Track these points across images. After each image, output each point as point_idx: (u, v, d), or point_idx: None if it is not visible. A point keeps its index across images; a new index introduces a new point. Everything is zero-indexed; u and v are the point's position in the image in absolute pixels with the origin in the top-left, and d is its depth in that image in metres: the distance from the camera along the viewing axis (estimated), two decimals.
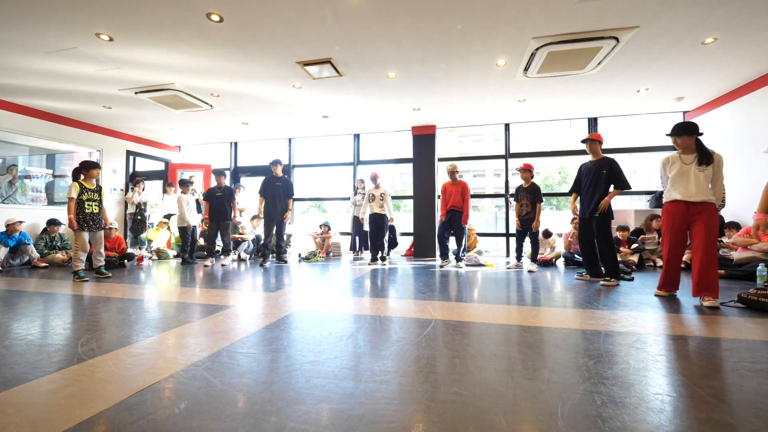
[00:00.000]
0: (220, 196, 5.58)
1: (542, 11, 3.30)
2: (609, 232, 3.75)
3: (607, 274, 3.74)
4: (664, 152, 6.77)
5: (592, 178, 3.83)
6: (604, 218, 3.72)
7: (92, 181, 4.28)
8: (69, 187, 4.14)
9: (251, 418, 1.18)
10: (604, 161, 3.80)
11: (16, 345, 1.92)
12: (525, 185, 5.04)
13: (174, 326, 2.24)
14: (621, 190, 3.72)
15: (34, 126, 5.98)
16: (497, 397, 1.32)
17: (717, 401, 1.30)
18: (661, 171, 3.12)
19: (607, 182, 3.75)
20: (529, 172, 5.04)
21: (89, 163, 4.26)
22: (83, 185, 4.16)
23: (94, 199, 4.22)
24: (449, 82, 4.94)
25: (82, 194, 4.11)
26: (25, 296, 3.23)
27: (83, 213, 4.10)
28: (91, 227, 4.16)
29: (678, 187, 2.93)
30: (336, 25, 3.50)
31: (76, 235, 4.11)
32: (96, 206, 4.23)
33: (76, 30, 3.56)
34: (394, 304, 2.87)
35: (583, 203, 3.94)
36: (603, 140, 3.93)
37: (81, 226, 4.09)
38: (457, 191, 5.22)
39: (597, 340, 1.96)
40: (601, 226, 3.75)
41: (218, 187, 5.65)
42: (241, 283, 3.89)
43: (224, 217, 5.59)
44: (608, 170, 3.73)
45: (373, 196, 5.60)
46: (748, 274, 3.91)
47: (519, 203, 5.08)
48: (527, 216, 4.97)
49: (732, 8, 3.25)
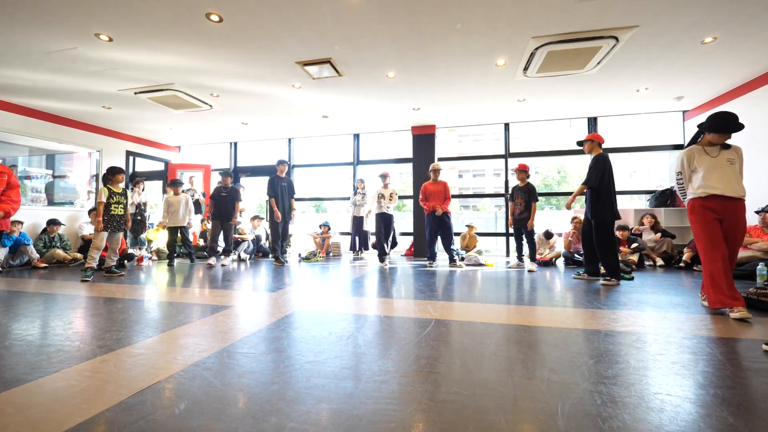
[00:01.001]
0: (225, 196, 5.59)
1: (542, 11, 3.30)
2: (606, 232, 3.73)
3: (608, 274, 3.73)
4: (664, 152, 6.78)
5: None
6: (601, 218, 3.72)
7: (118, 185, 4.51)
8: (98, 192, 4.45)
9: (251, 418, 1.18)
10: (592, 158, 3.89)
11: (16, 345, 1.92)
12: (521, 185, 5.09)
13: (174, 326, 2.24)
14: (585, 185, 3.81)
15: (33, 126, 5.98)
16: (497, 397, 1.32)
17: (717, 401, 1.30)
18: (684, 166, 2.76)
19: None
20: (525, 172, 5.09)
21: (114, 169, 4.48)
22: (111, 189, 4.39)
23: (120, 202, 4.45)
24: (449, 82, 4.94)
25: (110, 198, 4.34)
26: (25, 297, 3.23)
27: (108, 215, 4.33)
28: (114, 228, 4.39)
29: (712, 181, 2.60)
30: (336, 24, 3.50)
31: (97, 234, 4.30)
32: (121, 209, 4.46)
33: (76, 30, 3.55)
34: (394, 304, 2.87)
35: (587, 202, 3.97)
36: (600, 139, 3.93)
37: (105, 227, 4.29)
38: (438, 190, 5.29)
39: (597, 340, 1.96)
40: (598, 226, 3.76)
41: (224, 186, 5.66)
42: (242, 283, 3.89)
43: (227, 218, 5.60)
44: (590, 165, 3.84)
45: (382, 195, 5.61)
46: (747, 273, 3.91)
47: (514, 202, 5.11)
48: (521, 216, 5.00)
49: (732, 8, 3.25)
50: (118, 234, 4.48)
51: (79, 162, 7.21)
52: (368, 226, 6.89)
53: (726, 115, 2.59)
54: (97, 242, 4.27)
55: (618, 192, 3.86)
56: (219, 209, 5.57)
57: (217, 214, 5.58)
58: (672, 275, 4.39)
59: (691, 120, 6.11)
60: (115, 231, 4.41)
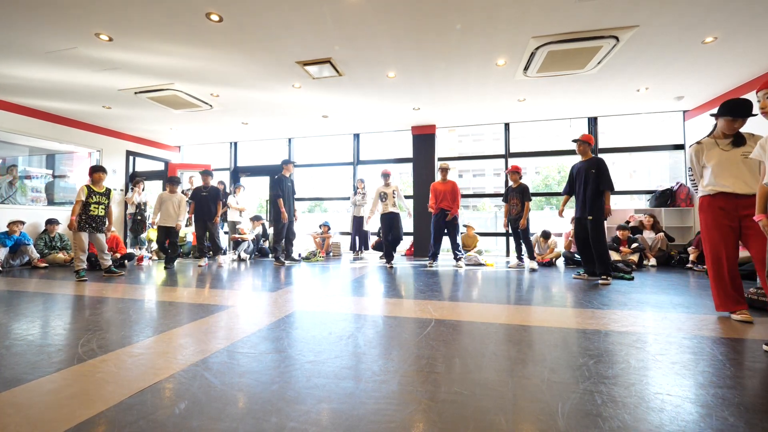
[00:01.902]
0: (205, 195, 5.54)
1: (542, 10, 3.30)
2: (602, 232, 3.82)
3: (604, 273, 3.79)
4: (664, 152, 6.77)
5: (583, 178, 3.91)
6: (597, 219, 3.80)
7: (101, 184, 4.39)
8: (78, 190, 4.27)
9: (251, 418, 1.18)
10: (592, 161, 3.90)
11: (16, 345, 1.92)
12: (514, 186, 5.14)
13: (174, 326, 2.24)
14: (610, 191, 3.79)
15: (34, 126, 5.98)
16: (497, 397, 1.32)
17: (717, 401, 1.30)
18: (693, 161, 2.59)
19: (596, 181, 3.81)
20: (518, 173, 5.18)
21: (95, 168, 4.39)
22: (91, 188, 4.28)
23: (101, 202, 4.33)
24: (449, 82, 4.94)
25: (90, 197, 4.23)
26: (25, 296, 3.23)
27: (86, 214, 4.20)
28: (93, 229, 4.26)
29: (722, 177, 2.43)
30: (336, 24, 3.50)
31: (74, 235, 4.19)
32: (102, 209, 4.34)
33: (76, 30, 3.55)
34: (394, 304, 2.87)
35: (576, 203, 4.03)
36: (593, 142, 4.02)
37: (80, 227, 4.16)
38: (447, 190, 5.26)
39: (597, 340, 1.96)
40: (595, 225, 3.82)
41: (204, 186, 5.61)
42: (241, 283, 3.89)
43: (209, 218, 5.53)
44: (596, 169, 3.81)
45: (384, 194, 5.37)
46: (747, 274, 3.91)
47: (509, 203, 5.15)
48: (517, 216, 5.03)
49: (732, 8, 3.25)
50: (98, 235, 4.34)
51: (79, 162, 7.21)
52: (368, 226, 6.89)
53: (737, 99, 2.42)
54: (77, 242, 4.15)
55: (618, 192, 3.90)
56: (200, 209, 5.50)
57: (199, 214, 5.51)
58: (672, 275, 4.39)
59: (691, 120, 6.11)
60: (94, 231, 4.28)
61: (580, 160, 4.05)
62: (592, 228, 3.83)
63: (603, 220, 3.80)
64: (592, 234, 3.84)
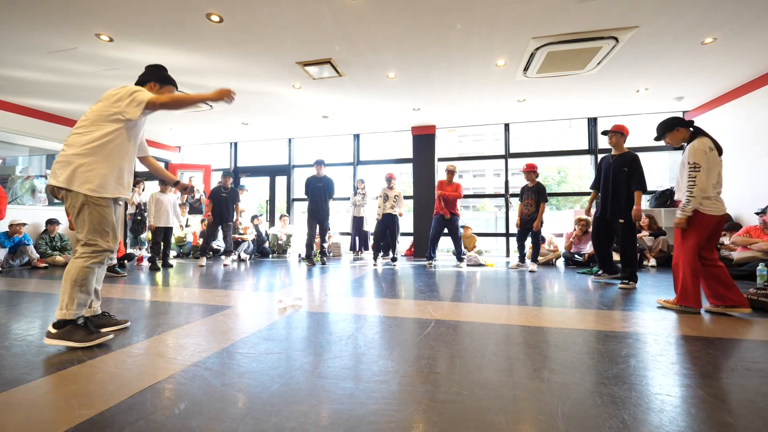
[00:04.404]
0: (225, 196, 5.59)
1: (542, 11, 3.30)
2: (634, 235, 3.55)
3: (627, 278, 3.49)
4: (664, 152, 6.77)
5: (612, 175, 3.54)
6: (630, 221, 3.48)
7: None
8: None
9: (251, 419, 1.18)
10: (626, 157, 3.50)
11: (16, 345, 1.91)
12: (530, 185, 4.99)
13: (174, 326, 2.24)
14: (641, 192, 3.41)
15: (34, 126, 5.98)
16: (497, 397, 1.32)
17: (717, 401, 1.30)
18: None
19: (628, 182, 3.44)
20: (534, 172, 5.01)
21: None
22: None
23: None
24: (449, 82, 4.94)
25: None
26: (25, 296, 3.22)
27: None
28: None
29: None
30: (336, 25, 3.50)
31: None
32: None
33: (76, 30, 3.56)
34: (394, 304, 2.87)
35: (601, 202, 3.66)
36: (628, 132, 3.62)
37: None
38: (452, 190, 5.27)
39: (597, 340, 1.96)
40: (626, 228, 3.51)
41: (224, 187, 5.66)
42: (241, 283, 3.89)
43: (226, 219, 5.60)
44: (629, 168, 3.44)
45: (386, 196, 5.57)
46: (748, 274, 3.91)
47: (523, 203, 5.03)
48: (530, 216, 4.91)
49: (731, 8, 3.25)
50: None
51: None
52: (368, 226, 6.89)
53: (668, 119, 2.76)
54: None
55: None
56: (219, 209, 5.56)
57: (218, 214, 5.56)
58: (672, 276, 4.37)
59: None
60: None
61: (611, 153, 3.66)
62: (623, 231, 3.51)
63: (635, 224, 3.48)
64: (622, 237, 3.52)
